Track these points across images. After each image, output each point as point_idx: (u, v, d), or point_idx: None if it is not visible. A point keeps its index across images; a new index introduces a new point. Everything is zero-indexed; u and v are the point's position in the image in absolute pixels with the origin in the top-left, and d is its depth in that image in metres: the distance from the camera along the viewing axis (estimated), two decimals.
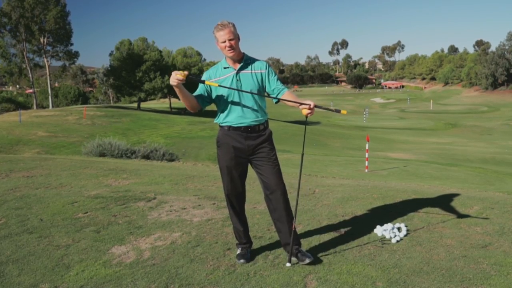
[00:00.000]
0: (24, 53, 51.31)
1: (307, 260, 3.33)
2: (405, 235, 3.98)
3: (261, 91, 3.43)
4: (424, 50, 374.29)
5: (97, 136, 16.91)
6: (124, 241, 3.92)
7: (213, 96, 3.44)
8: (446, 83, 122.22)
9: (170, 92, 58.72)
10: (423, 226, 4.29)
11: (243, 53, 3.44)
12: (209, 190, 6.15)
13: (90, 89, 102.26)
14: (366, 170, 16.67)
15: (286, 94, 3.43)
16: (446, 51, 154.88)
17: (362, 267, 3.31)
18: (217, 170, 9.52)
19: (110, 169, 7.85)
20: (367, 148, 17.53)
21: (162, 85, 53.68)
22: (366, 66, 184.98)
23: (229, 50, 3.30)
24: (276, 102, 3.50)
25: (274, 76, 3.47)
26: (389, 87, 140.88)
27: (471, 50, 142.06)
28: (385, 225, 4.13)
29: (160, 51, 57.23)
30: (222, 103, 3.42)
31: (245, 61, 3.43)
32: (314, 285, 3.06)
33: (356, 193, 5.86)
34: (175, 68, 57.72)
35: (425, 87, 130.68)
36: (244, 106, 3.39)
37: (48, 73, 55.73)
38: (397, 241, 3.84)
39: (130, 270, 3.31)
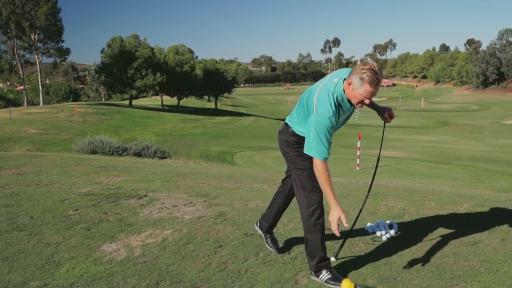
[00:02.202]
0: (15, 49, 50.94)
1: (274, 249, 3.52)
2: (396, 233, 4.01)
3: None
4: (416, 49, 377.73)
5: (88, 133, 16.83)
6: (115, 239, 3.90)
7: None
8: (438, 82, 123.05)
9: (161, 89, 58.45)
10: (413, 223, 4.31)
11: None
12: (200, 188, 6.13)
13: (81, 86, 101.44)
14: (358, 168, 16.75)
15: None
16: (437, 49, 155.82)
17: (353, 264, 3.32)
18: (209, 168, 9.48)
19: (101, 166, 7.80)
20: (358, 146, 17.60)
21: (154, 82, 53.24)
22: None
23: (361, 105, 2.89)
24: None
25: None
26: (381, 85, 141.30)
27: (462, 48, 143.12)
28: (376, 222, 4.15)
29: (152, 48, 56.82)
30: None
31: None
32: (305, 282, 3.06)
33: (347, 190, 5.89)
34: (167, 65, 57.29)
35: (416, 86, 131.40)
36: None
37: (39, 70, 55.30)
38: (388, 238, 3.86)
39: (121, 268, 3.29)
